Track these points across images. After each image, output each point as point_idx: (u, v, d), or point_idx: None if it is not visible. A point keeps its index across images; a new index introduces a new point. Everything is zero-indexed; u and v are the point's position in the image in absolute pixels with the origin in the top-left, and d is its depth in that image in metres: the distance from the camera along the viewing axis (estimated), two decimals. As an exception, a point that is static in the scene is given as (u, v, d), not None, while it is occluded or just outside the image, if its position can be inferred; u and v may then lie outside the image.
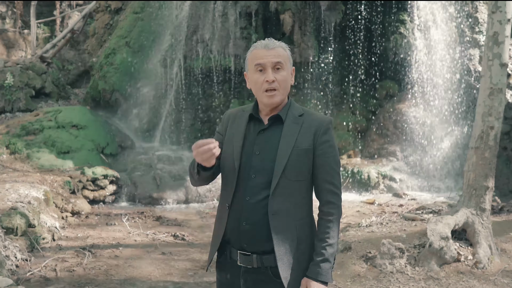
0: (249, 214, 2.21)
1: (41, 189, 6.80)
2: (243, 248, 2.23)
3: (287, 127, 2.26)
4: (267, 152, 2.25)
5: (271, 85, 2.24)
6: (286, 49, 2.32)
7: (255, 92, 2.31)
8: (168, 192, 8.34)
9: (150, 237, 6.41)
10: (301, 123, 2.27)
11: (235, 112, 2.43)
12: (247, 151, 2.28)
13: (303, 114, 2.31)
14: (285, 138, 2.24)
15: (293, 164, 2.21)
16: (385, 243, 4.64)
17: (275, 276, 2.21)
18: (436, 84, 10.21)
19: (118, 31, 12.00)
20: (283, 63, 2.26)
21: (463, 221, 4.94)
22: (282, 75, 2.25)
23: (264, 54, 2.25)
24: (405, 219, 6.17)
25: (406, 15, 10.27)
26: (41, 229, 6.03)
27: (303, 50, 9.97)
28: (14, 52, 19.08)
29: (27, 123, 9.39)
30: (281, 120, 2.29)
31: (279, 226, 2.19)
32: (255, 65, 2.26)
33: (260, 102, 2.33)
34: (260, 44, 2.29)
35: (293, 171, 2.21)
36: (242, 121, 2.35)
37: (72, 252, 5.72)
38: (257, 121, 2.33)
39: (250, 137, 2.31)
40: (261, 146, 2.27)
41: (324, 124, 2.28)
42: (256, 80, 2.27)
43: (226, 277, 2.33)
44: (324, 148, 2.25)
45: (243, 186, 2.24)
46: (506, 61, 5.19)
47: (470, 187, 5.15)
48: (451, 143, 9.97)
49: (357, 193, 9.23)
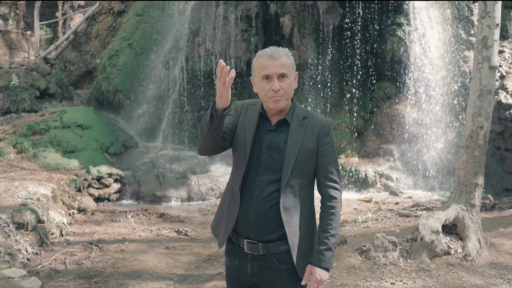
0: (257, 207, 2.46)
1: (48, 187, 7.05)
2: (250, 238, 2.49)
3: (293, 130, 2.50)
4: (275, 152, 2.49)
5: (277, 94, 2.46)
6: (290, 56, 2.53)
7: (262, 97, 2.53)
8: (171, 190, 8.59)
9: (155, 232, 6.66)
10: (305, 126, 2.51)
11: (247, 103, 2.64)
12: (257, 145, 2.52)
13: (306, 116, 2.55)
14: (292, 139, 2.48)
15: (300, 164, 2.47)
16: (379, 236, 4.89)
17: (279, 262, 2.48)
18: (432, 85, 10.46)
19: (121, 33, 12.23)
20: (288, 72, 2.48)
21: (453, 216, 5.19)
22: (287, 82, 2.48)
23: (270, 64, 2.45)
24: (399, 216, 6.42)
25: (403, 18, 10.52)
26: (50, 225, 6.28)
27: (302, 52, 10.21)
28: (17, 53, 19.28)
29: (33, 123, 9.64)
30: (287, 122, 2.53)
31: (290, 220, 2.45)
32: (262, 75, 2.47)
33: (266, 105, 2.55)
34: (265, 53, 2.49)
35: (300, 170, 2.48)
36: (254, 113, 2.56)
37: (80, 247, 5.97)
38: (265, 120, 2.56)
39: (259, 135, 2.54)
40: (269, 145, 2.50)
41: (326, 126, 2.53)
42: (262, 88, 2.49)
43: (234, 262, 2.58)
44: (326, 149, 2.51)
45: (252, 181, 2.49)
46: (495, 64, 5.44)
47: (461, 184, 5.40)
48: (446, 142, 10.21)
49: (354, 192, 9.47)
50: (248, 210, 2.47)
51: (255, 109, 2.58)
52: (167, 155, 9.72)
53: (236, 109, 2.65)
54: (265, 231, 2.47)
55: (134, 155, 9.67)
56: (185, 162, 9.43)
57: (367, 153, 10.55)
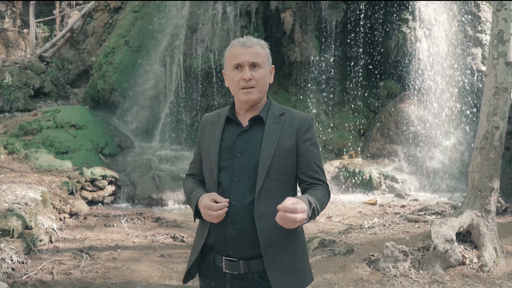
0: (235, 219, 2.14)
1: (38, 190, 6.71)
2: (229, 255, 2.16)
3: (268, 127, 2.21)
4: (249, 154, 2.19)
5: (248, 83, 2.19)
6: (264, 46, 2.29)
7: (232, 90, 2.26)
8: (167, 193, 8.25)
9: (149, 238, 6.32)
10: (282, 123, 2.23)
11: (212, 118, 2.38)
12: (227, 155, 2.22)
13: (283, 113, 2.27)
14: (267, 138, 2.18)
15: (277, 165, 2.16)
16: (388, 245, 4.54)
17: (263, 280, 2.14)
18: (438, 83, 10.11)
19: (117, 30, 11.89)
20: (261, 62, 2.22)
21: (468, 223, 4.84)
22: (260, 73, 2.21)
23: (241, 52, 2.21)
24: (408, 221, 6.08)
25: (408, 14, 10.17)
26: (38, 231, 5.93)
27: (304, 49, 9.86)
28: (14, 51, 19.00)
29: (25, 123, 9.29)
30: (262, 120, 2.24)
31: (265, 229, 2.11)
32: (233, 64, 2.22)
33: (237, 100, 2.28)
34: (237, 41, 2.26)
35: (277, 172, 2.16)
36: (218, 127, 2.30)
37: (69, 254, 5.63)
38: (235, 123, 2.28)
39: (229, 140, 2.25)
40: (242, 148, 2.21)
41: (306, 122, 2.24)
42: (233, 78, 2.23)
43: (210, 284, 2.25)
44: (306, 146, 2.21)
45: (227, 192, 2.17)
46: (511, 59, 5.09)
47: (475, 188, 5.05)
48: (453, 142, 9.87)
49: (358, 194, 9.13)
50: (226, 224, 2.14)
51: (219, 121, 2.31)
52: (164, 156, 9.38)
53: (201, 131, 2.40)
54: (246, 246, 2.13)
55: (130, 156, 9.32)
56: (183, 163, 9.09)
57: (371, 154, 10.22)
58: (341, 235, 5.59)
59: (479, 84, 10.03)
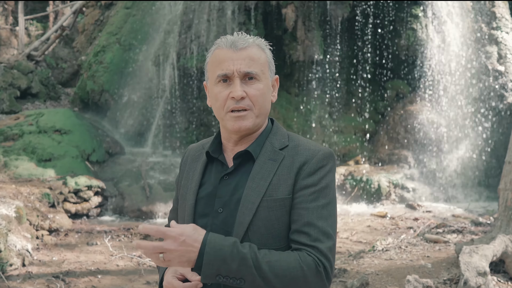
0: None
1: (12, 205, 6.02)
2: None
3: (258, 167, 1.49)
4: (234, 208, 1.48)
5: (240, 104, 1.48)
6: (265, 49, 1.57)
7: (217, 113, 1.54)
8: (158, 205, 7.56)
9: (135, 260, 5.64)
10: (280, 160, 1.49)
11: (194, 151, 1.67)
12: (206, 209, 1.52)
13: (287, 146, 1.52)
14: (253, 182, 1.47)
15: (262, 222, 1.45)
16: (410, 280, 3.86)
17: None
18: (451, 84, 9.42)
19: (108, 28, 11.23)
20: (259, 72, 1.49)
21: (501, 251, 4.16)
22: (257, 88, 1.50)
23: (229, 57, 1.49)
24: (426, 241, 5.41)
25: (419, 10, 9.47)
26: (9, 254, 5.25)
27: (307, 48, 9.17)
28: (6, 50, 18.40)
29: (5, 127, 8.61)
30: (251, 156, 1.52)
31: None
32: (217, 74, 1.50)
33: (223, 128, 1.56)
34: (225, 41, 1.53)
35: (262, 234, 1.46)
36: (198, 166, 1.59)
37: (42, 282, 4.95)
38: (218, 162, 1.57)
39: (209, 186, 1.54)
40: (224, 200, 1.50)
41: (315, 159, 1.48)
42: (217, 95, 1.51)
43: None
44: (303, 195, 1.46)
45: None
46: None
47: (508, 208, 4.37)
48: (468, 148, 9.19)
49: (366, 204, 8.44)
50: None
51: (200, 158, 1.61)
52: (156, 163, 8.70)
53: (180, 169, 1.71)
54: None
55: (119, 164, 8.65)
56: (176, 171, 8.40)
57: (379, 160, 9.54)
58: (352, 260, 4.91)
59: (494, 85, 9.34)
